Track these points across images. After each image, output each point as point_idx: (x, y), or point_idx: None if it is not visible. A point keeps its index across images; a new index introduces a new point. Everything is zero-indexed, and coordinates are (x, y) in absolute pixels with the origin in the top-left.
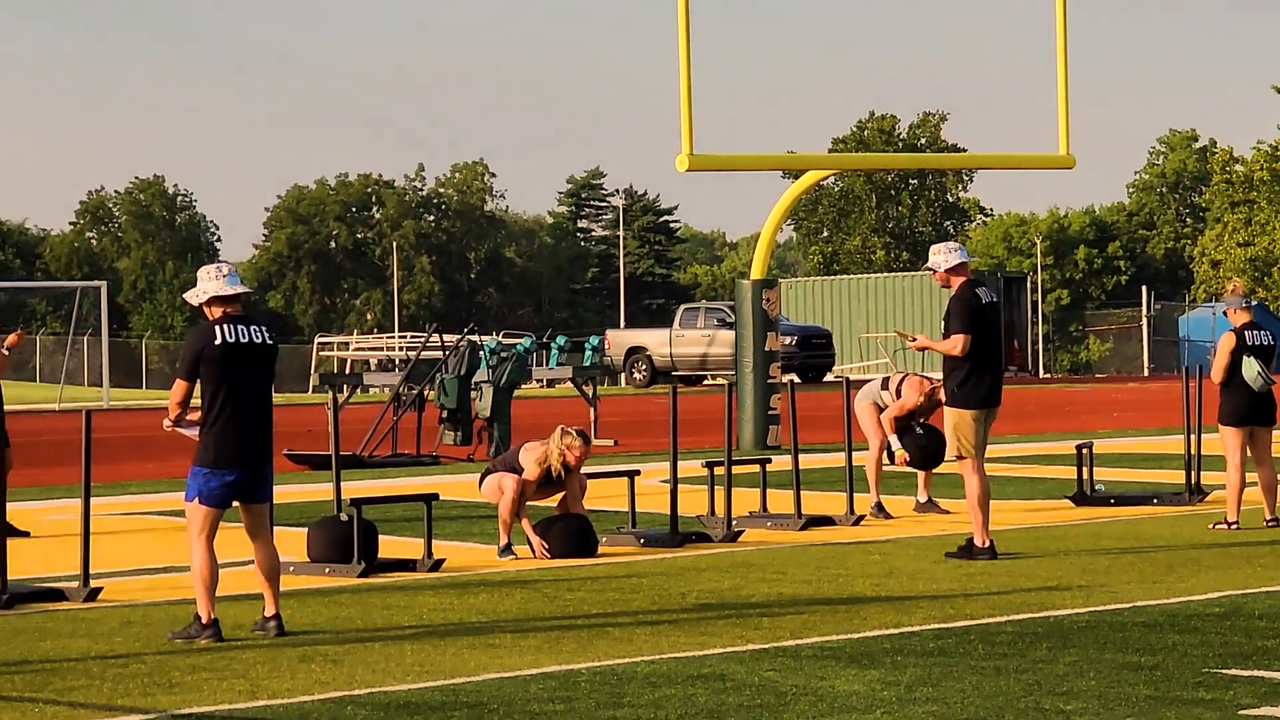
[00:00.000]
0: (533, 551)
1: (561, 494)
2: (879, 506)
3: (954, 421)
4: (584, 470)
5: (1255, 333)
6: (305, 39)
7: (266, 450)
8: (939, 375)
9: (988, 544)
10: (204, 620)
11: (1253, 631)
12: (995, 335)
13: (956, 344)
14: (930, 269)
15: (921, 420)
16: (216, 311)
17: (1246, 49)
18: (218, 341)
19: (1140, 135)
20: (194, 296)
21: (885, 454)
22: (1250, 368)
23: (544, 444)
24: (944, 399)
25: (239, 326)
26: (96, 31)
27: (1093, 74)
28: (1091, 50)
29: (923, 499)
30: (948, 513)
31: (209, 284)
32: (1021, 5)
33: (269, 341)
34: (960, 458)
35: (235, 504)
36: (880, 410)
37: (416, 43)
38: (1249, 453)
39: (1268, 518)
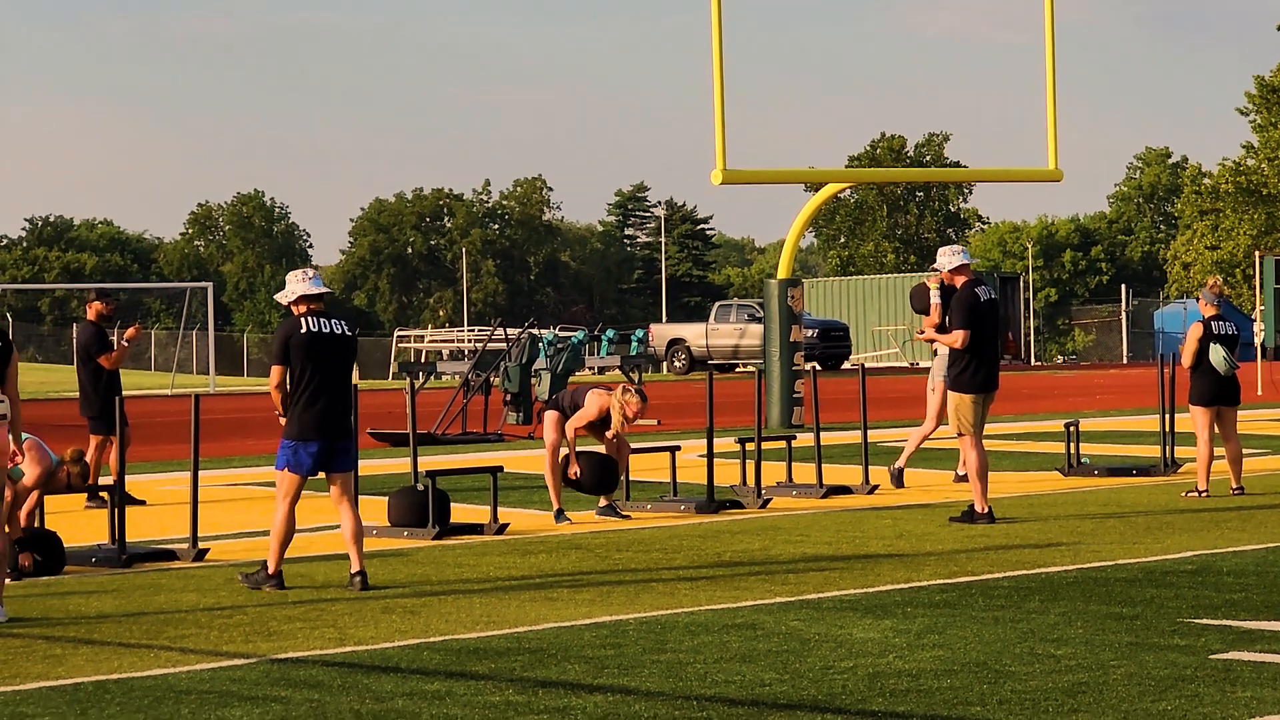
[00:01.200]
0: (568, 471)
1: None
2: (899, 471)
3: (955, 403)
4: (633, 445)
5: (1221, 323)
6: (386, 72)
7: (346, 426)
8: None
9: (987, 510)
10: (270, 570)
11: (1221, 586)
12: (993, 329)
13: (957, 338)
14: (936, 269)
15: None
16: (302, 308)
17: (1214, 77)
18: (303, 330)
19: (1120, 152)
20: (284, 296)
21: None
22: (1216, 353)
23: (609, 394)
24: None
25: (321, 319)
26: (205, 67)
27: (1078, 99)
28: (1078, 78)
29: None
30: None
31: (297, 285)
32: (1015, 39)
33: (347, 333)
34: (960, 435)
35: (321, 474)
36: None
37: (483, 73)
38: (1216, 429)
39: (1233, 486)
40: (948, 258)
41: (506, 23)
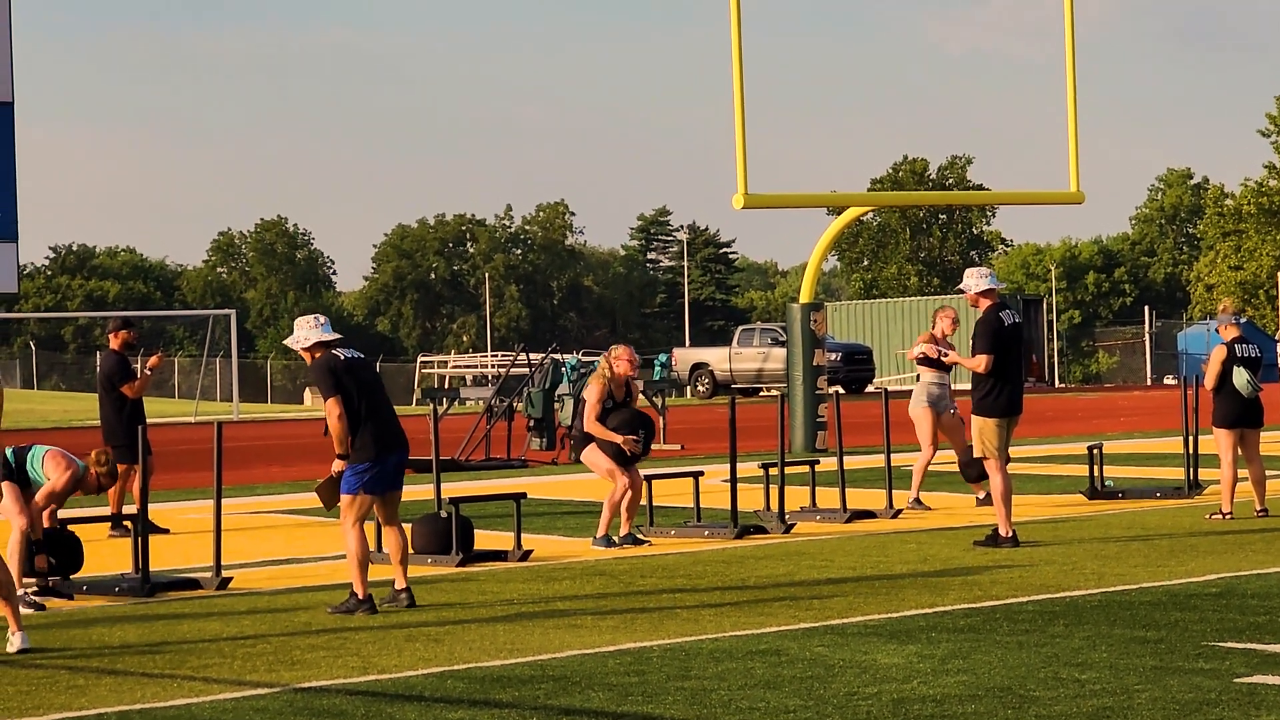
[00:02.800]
0: (624, 448)
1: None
2: (917, 500)
3: (979, 427)
4: (655, 471)
5: (1244, 345)
6: (408, 97)
7: (403, 439)
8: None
9: (1011, 533)
10: (360, 596)
11: (1245, 609)
12: (1016, 353)
13: (980, 362)
14: (962, 290)
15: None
16: (319, 351)
17: (1235, 97)
18: (341, 359)
19: (1142, 173)
20: (297, 342)
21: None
22: (1240, 376)
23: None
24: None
25: (340, 350)
26: (227, 93)
27: (1100, 121)
28: (1098, 101)
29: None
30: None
31: (310, 332)
32: (1036, 62)
33: (365, 358)
34: (984, 458)
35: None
36: (934, 414)
37: (505, 98)
38: (1239, 451)
39: (1257, 509)
40: (974, 280)
41: (528, 48)
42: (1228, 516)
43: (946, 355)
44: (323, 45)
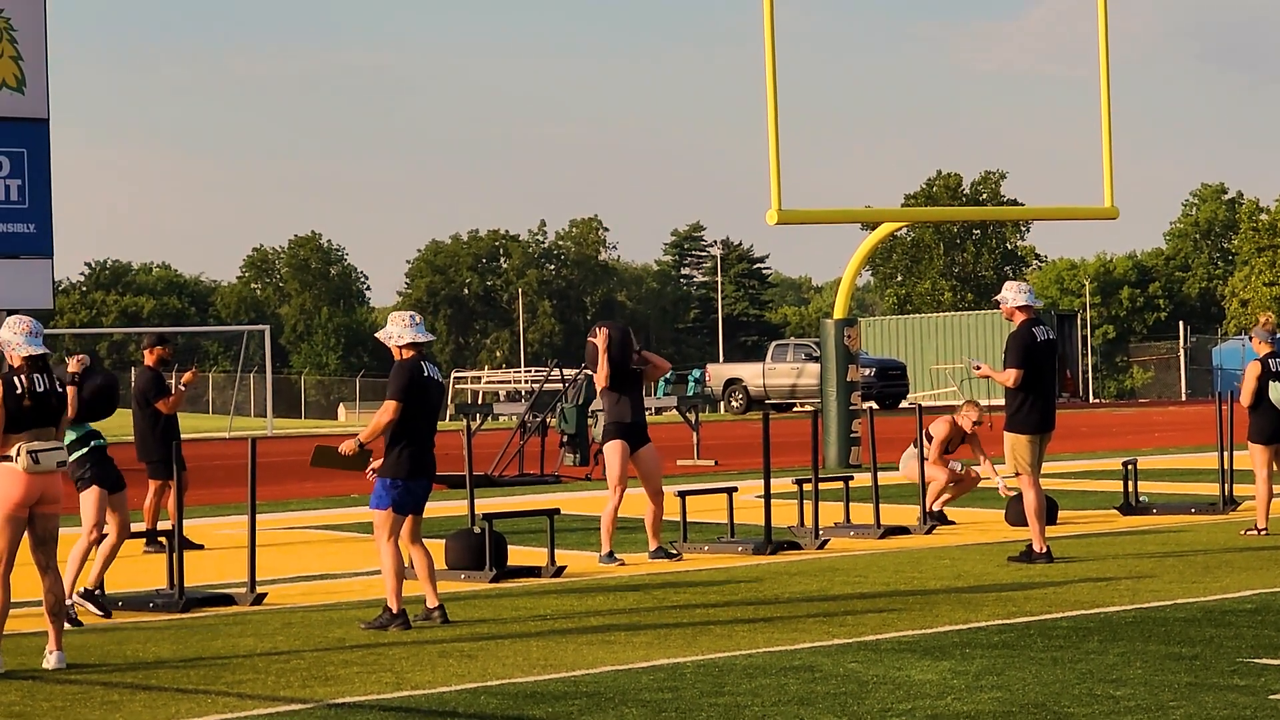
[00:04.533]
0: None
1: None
2: (930, 514)
3: (1012, 443)
4: (689, 486)
5: (1277, 360)
6: (441, 113)
7: (434, 468)
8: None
9: (1045, 549)
10: (394, 610)
11: None
12: (1050, 368)
13: (1010, 376)
14: (1000, 300)
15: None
16: (410, 352)
17: (1269, 111)
18: (423, 374)
19: (1175, 188)
20: (390, 338)
21: None
22: (1276, 390)
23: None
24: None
25: (426, 364)
26: (261, 110)
27: (1134, 136)
28: (1132, 116)
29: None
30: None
31: (405, 330)
32: (1070, 77)
33: (442, 381)
34: (1018, 474)
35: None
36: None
37: (538, 114)
38: (1275, 467)
39: None
40: (1013, 293)
41: (561, 63)
42: (1263, 532)
43: (979, 369)
44: (357, 62)
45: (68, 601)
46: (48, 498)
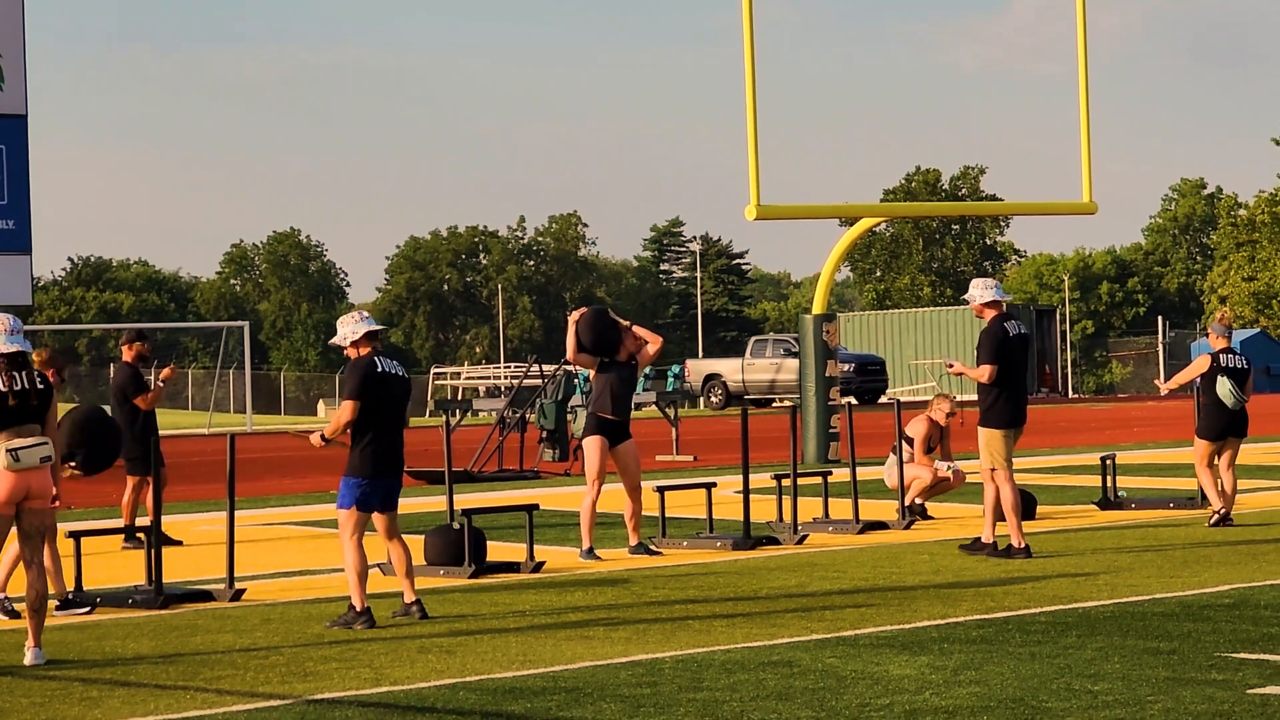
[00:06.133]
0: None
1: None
2: (909, 509)
3: (986, 439)
4: (668, 482)
5: (1230, 356)
6: (420, 109)
7: (401, 466)
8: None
9: (1023, 545)
10: (358, 609)
11: (1259, 620)
12: (1022, 364)
13: (984, 372)
14: (969, 300)
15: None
16: (366, 347)
17: (1249, 106)
18: (378, 370)
19: (1154, 184)
20: (343, 339)
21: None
22: (1224, 386)
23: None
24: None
25: (384, 359)
26: (240, 106)
27: (1112, 131)
28: (1112, 111)
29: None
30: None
31: (356, 326)
32: (1050, 70)
33: (404, 375)
34: (993, 470)
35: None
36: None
37: (517, 110)
38: (1216, 460)
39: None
40: (980, 290)
41: (539, 59)
42: (1222, 513)
43: (952, 366)
44: (335, 59)
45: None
46: (34, 493)
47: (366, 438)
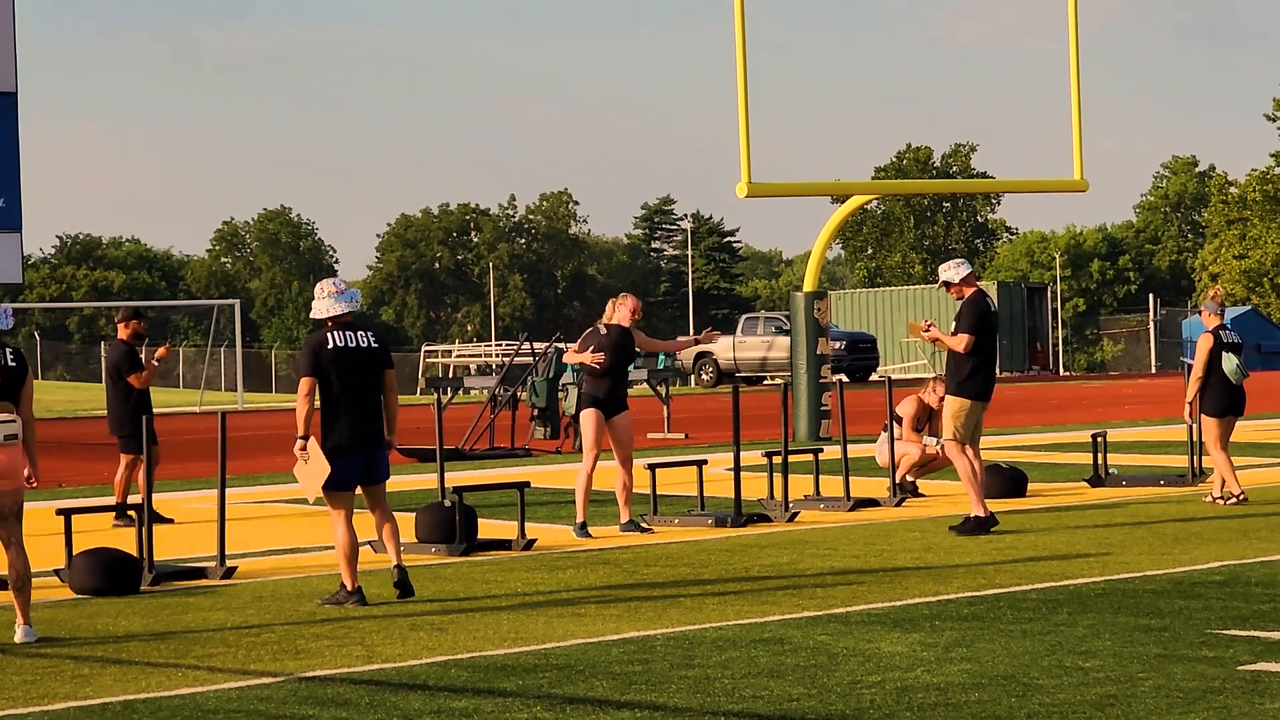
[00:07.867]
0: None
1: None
2: (900, 486)
3: (957, 407)
4: (659, 459)
5: (1227, 332)
6: (411, 87)
7: (379, 437)
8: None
9: (988, 513)
10: (349, 588)
11: (1250, 597)
12: (995, 339)
13: (961, 341)
14: (945, 283)
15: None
16: (329, 321)
17: (1241, 84)
18: (330, 345)
19: (1146, 161)
20: (315, 314)
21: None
22: (1230, 362)
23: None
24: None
25: (348, 332)
26: (231, 84)
27: (1104, 109)
28: (1103, 88)
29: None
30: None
31: (320, 303)
32: (1042, 48)
33: (374, 345)
34: (953, 439)
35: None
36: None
37: (508, 88)
38: (1227, 440)
39: (1216, 496)
40: (953, 271)
41: (530, 37)
42: (1241, 497)
43: (928, 332)
44: (326, 36)
45: None
46: (2, 472)
47: (335, 415)
